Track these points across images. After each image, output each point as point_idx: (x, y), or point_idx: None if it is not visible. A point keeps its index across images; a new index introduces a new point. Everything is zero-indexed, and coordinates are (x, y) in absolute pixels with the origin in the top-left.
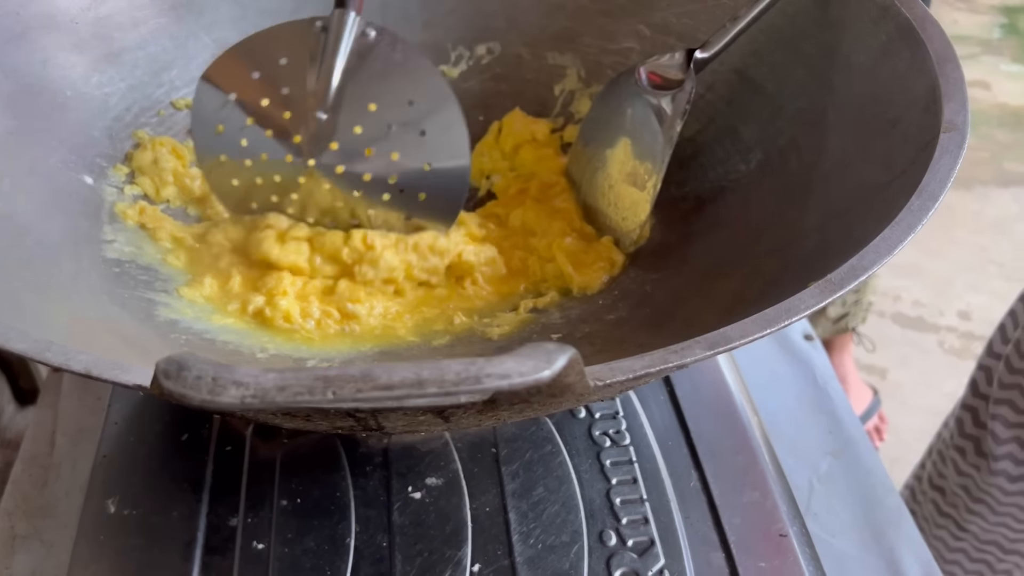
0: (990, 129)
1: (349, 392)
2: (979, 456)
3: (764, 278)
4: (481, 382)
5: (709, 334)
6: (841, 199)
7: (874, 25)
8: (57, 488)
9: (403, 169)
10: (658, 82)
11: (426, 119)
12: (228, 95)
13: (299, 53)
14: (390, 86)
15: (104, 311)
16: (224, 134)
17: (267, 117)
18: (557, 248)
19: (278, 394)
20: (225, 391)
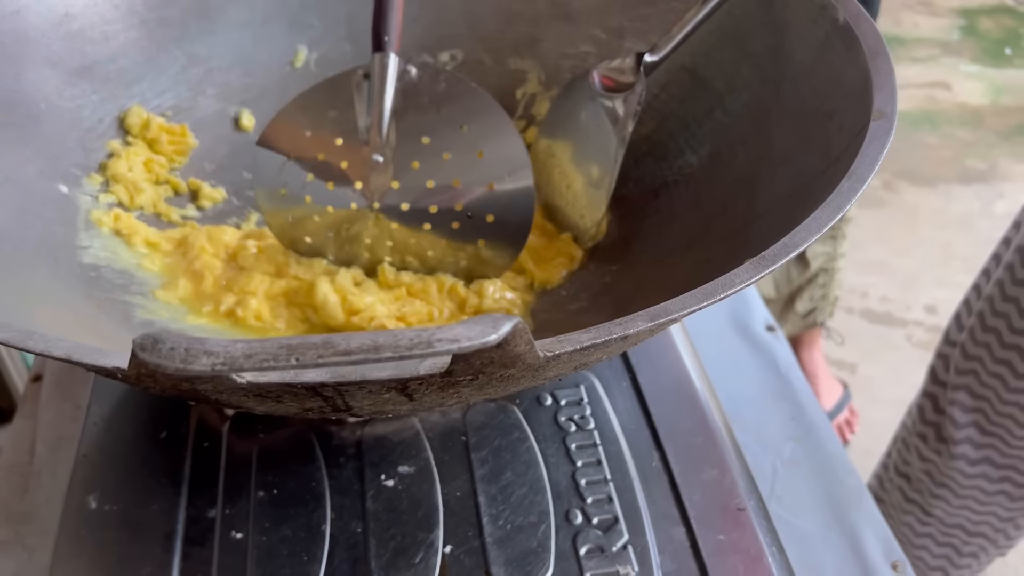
0: (952, 128)
1: (311, 358)
2: (940, 442)
3: (713, 264)
4: (432, 346)
5: (651, 308)
6: (783, 187)
7: (813, 24)
8: (38, 495)
9: (467, 194)
10: (611, 85)
11: (480, 140)
12: (285, 157)
13: (346, 103)
14: (440, 116)
15: (81, 312)
16: (288, 195)
17: (326, 170)
18: None
19: (245, 361)
20: (196, 360)
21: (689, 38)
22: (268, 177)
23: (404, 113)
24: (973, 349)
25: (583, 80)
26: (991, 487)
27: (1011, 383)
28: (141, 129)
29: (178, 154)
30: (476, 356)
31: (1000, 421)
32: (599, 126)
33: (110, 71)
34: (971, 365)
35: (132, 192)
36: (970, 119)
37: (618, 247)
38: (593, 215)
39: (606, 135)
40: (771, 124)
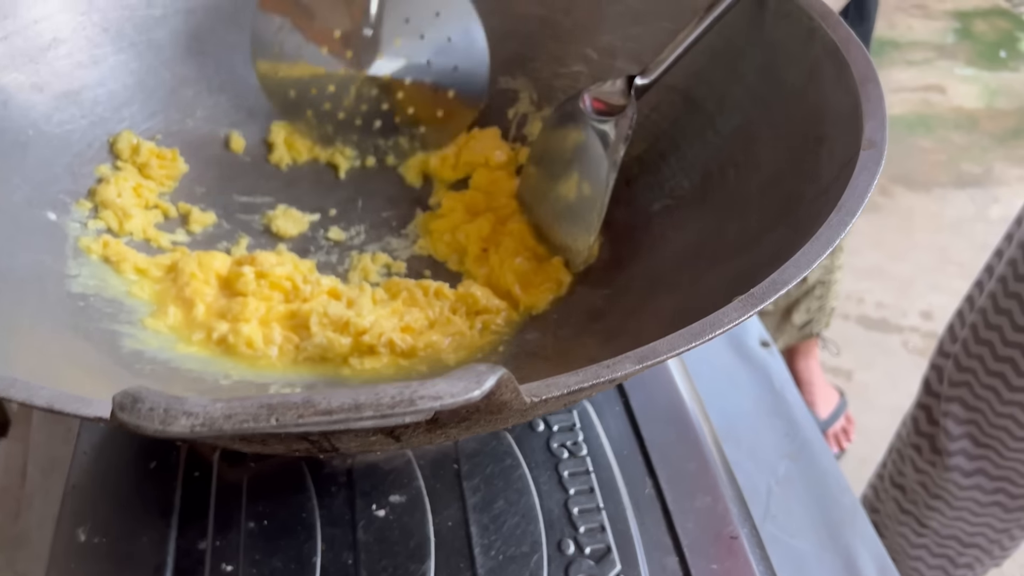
0: (946, 132)
1: (291, 419)
2: (934, 453)
3: (703, 292)
4: (415, 404)
5: (639, 348)
6: (774, 213)
7: (803, 46)
8: (30, 519)
9: (436, 71)
10: (602, 108)
11: (451, 27)
12: (284, 18)
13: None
14: (437, 20)
15: (69, 344)
16: (283, 52)
17: (321, 35)
18: (507, 268)
19: (225, 422)
20: (176, 421)
21: (680, 60)
22: (268, 37)
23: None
24: (967, 361)
25: (574, 102)
26: (985, 499)
27: (1005, 395)
28: (131, 154)
29: (168, 178)
30: (461, 408)
31: (994, 433)
32: (591, 149)
33: (99, 95)
34: (964, 377)
35: (121, 218)
36: (965, 122)
37: (610, 270)
38: (585, 238)
39: (597, 159)
40: (761, 146)
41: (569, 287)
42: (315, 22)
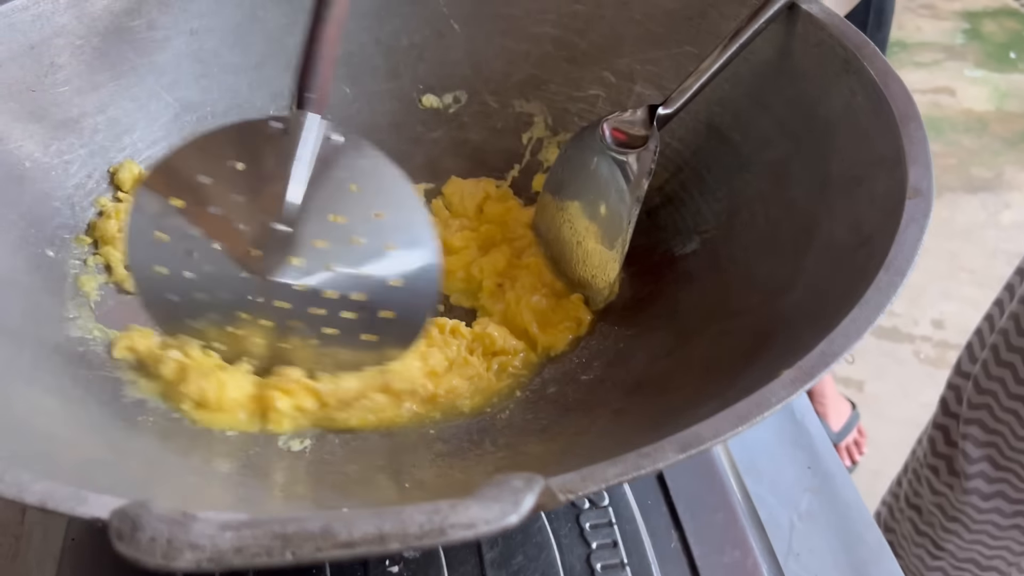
0: (956, 135)
1: (308, 551)
2: (952, 475)
3: (736, 342)
4: (445, 534)
5: (681, 434)
6: (809, 260)
7: (836, 78)
8: (29, 558)
9: (370, 285)
10: (622, 139)
11: (394, 233)
12: (171, 202)
13: (256, 157)
14: (357, 197)
15: (67, 397)
16: (166, 245)
17: (219, 227)
18: (524, 305)
19: (235, 556)
20: (180, 555)
21: (703, 90)
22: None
23: (320, 183)
24: (986, 383)
25: (593, 131)
26: (1005, 522)
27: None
28: (133, 184)
29: None
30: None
31: (1014, 456)
32: (611, 182)
33: (99, 122)
34: (984, 399)
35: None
36: (975, 126)
37: (632, 309)
38: (605, 275)
39: (619, 192)
40: (792, 183)
41: (590, 325)
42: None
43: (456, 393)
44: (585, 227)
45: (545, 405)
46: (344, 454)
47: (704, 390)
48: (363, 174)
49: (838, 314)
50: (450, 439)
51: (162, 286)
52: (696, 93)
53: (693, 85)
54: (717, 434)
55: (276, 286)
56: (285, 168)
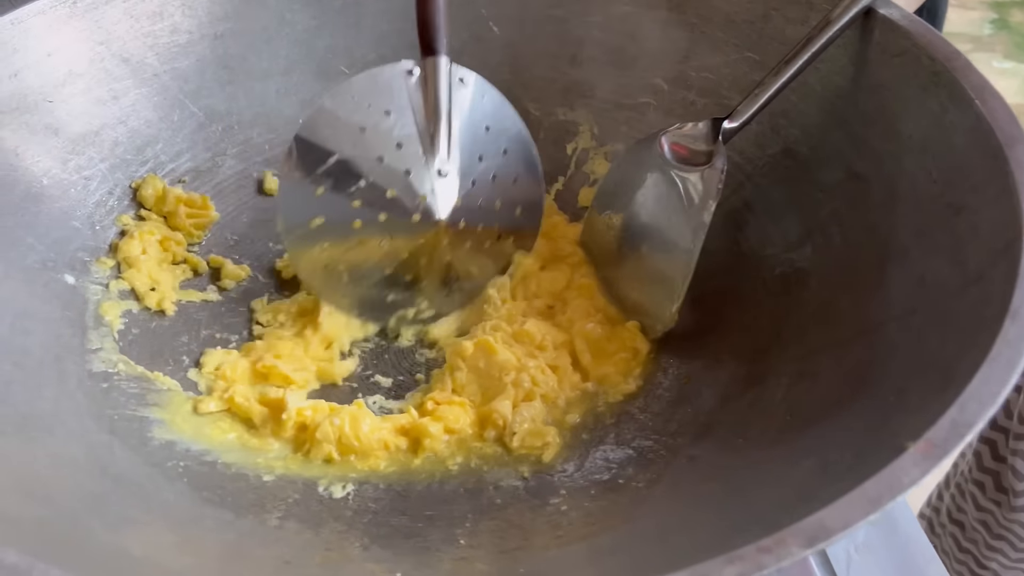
0: None
1: None
2: (999, 491)
3: (821, 386)
4: None
5: (805, 523)
6: (903, 296)
7: (923, 92)
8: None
9: (503, 216)
10: (684, 154)
11: (517, 164)
12: (332, 153)
13: (396, 103)
14: (490, 136)
15: (91, 442)
16: (325, 197)
17: (384, 175)
18: (577, 333)
19: None
20: None
21: (771, 102)
22: (303, 177)
23: (460, 125)
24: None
25: (650, 144)
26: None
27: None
28: (157, 202)
29: (198, 228)
30: None
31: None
32: (671, 202)
33: (119, 134)
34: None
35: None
36: None
37: (693, 340)
38: (666, 303)
39: (683, 213)
40: (874, 205)
41: (647, 356)
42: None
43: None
44: (643, 249)
45: (605, 449)
46: (389, 502)
47: (792, 442)
48: (490, 114)
49: (955, 367)
50: (504, 488)
51: (317, 239)
52: (764, 105)
53: (761, 96)
54: (847, 524)
55: (442, 226)
56: (434, 115)
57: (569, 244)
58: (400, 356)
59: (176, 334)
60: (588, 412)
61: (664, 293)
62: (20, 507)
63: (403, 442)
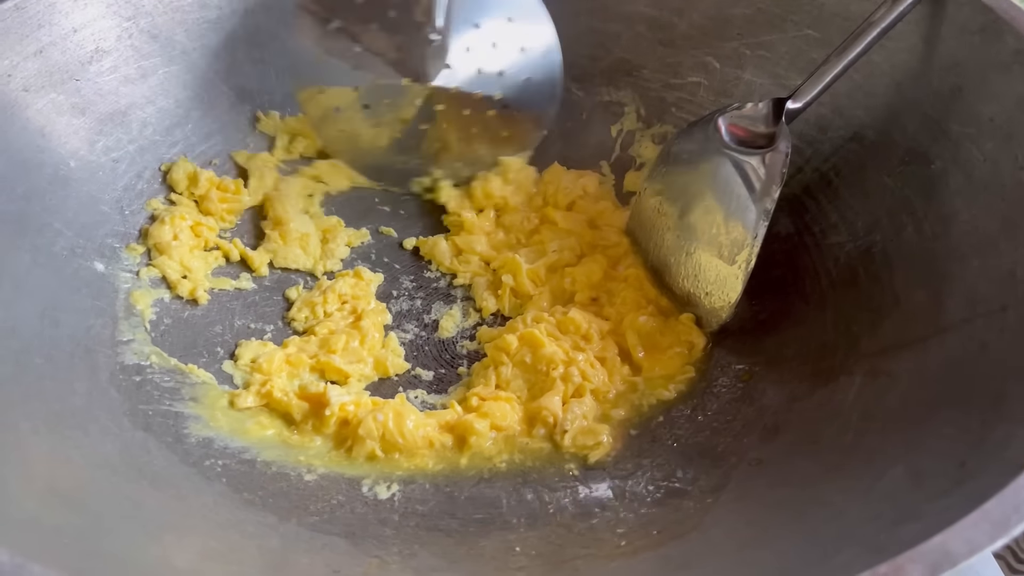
0: None
1: None
2: None
3: (898, 385)
4: None
5: (924, 547)
6: (990, 291)
7: (1006, 71)
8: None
9: (507, 84)
10: (743, 136)
11: (523, 34)
12: (332, 21)
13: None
14: (489, 4)
15: (126, 440)
16: (329, 60)
17: (378, 40)
18: (629, 325)
19: None
20: None
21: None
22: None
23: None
24: None
25: (706, 126)
26: None
27: None
28: (188, 185)
29: (230, 213)
30: None
31: None
32: (731, 187)
33: (148, 114)
34: None
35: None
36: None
37: (752, 334)
38: (725, 295)
39: (742, 200)
40: (951, 194)
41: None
42: (372, 24)
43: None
44: (699, 237)
45: (659, 449)
46: (437, 503)
47: (873, 447)
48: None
49: None
50: (556, 489)
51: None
52: (829, 85)
53: (826, 75)
54: (972, 550)
55: (433, 90)
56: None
57: (615, 232)
58: (441, 348)
59: (209, 324)
60: (635, 408)
61: (722, 284)
62: (55, 515)
63: (448, 439)
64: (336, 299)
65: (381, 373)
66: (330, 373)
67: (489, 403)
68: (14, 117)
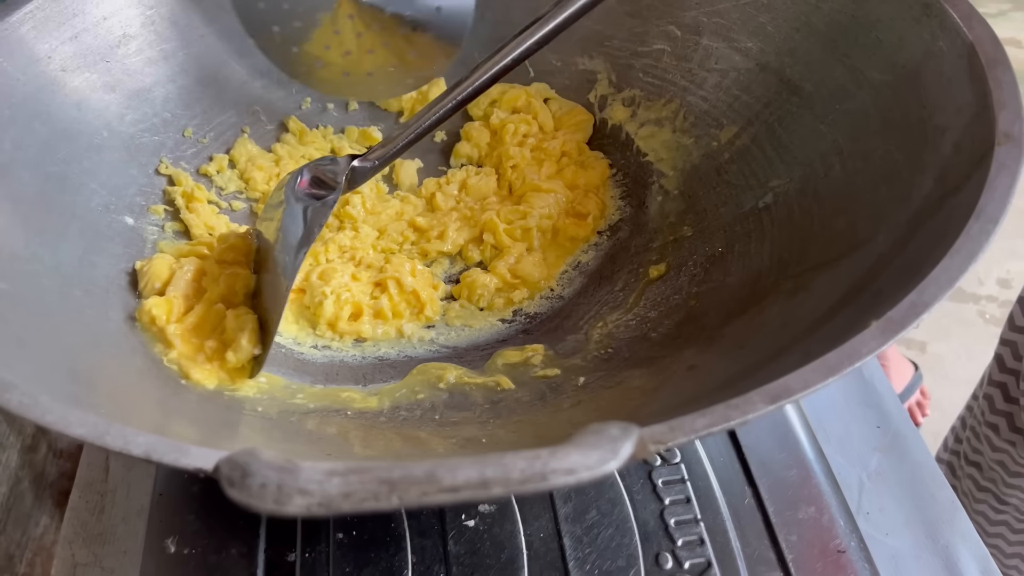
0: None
1: (414, 496)
2: (1013, 431)
3: (815, 297)
4: (547, 479)
5: (769, 385)
6: (892, 212)
7: (916, 23)
8: (114, 514)
9: (417, 7)
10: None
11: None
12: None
13: None
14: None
15: (153, 355)
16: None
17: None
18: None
19: (343, 501)
20: (291, 500)
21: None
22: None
23: None
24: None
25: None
26: None
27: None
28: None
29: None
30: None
31: None
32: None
33: (170, 91)
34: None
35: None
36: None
37: (703, 266)
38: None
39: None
40: (870, 134)
41: (662, 276)
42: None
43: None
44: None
45: (617, 363)
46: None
47: (784, 347)
48: None
49: (924, 263)
50: (523, 397)
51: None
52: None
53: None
54: (807, 385)
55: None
56: None
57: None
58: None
59: None
60: (608, 333)
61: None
62: (97, 399)
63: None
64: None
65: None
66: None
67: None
68: (54, 93)
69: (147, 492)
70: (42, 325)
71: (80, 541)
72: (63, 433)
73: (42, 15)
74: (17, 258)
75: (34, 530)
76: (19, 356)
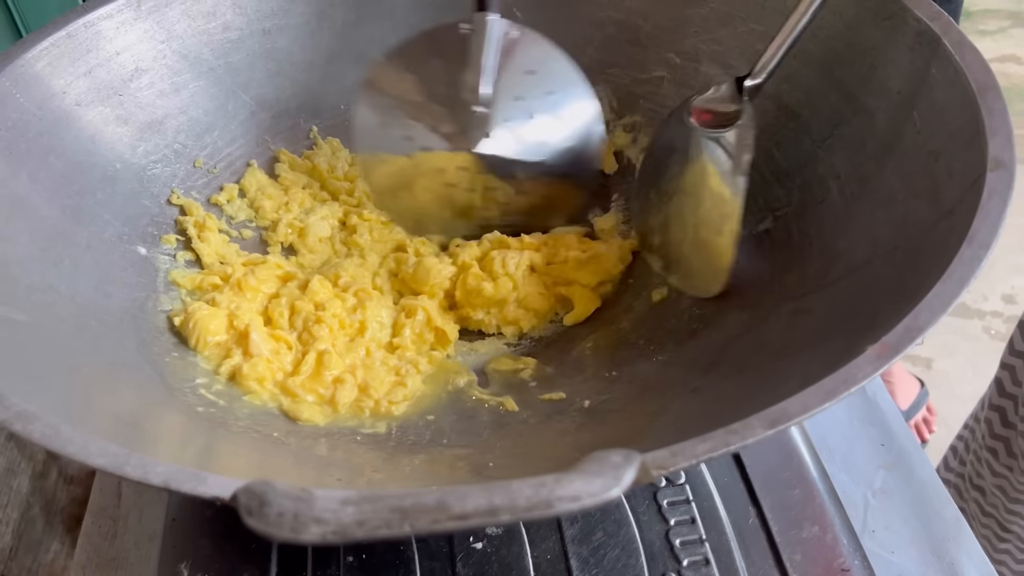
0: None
1: (425, 523)
2: (1010, 457)
3: (813, 319)
4: (552, 506)
5: (768, 410)
6: (887, 235)
7: (909, 51)
8: (127, 540)
9: (549, 151)
10: (709, 119)
11: (564, 106)
12: (389, 97)
13: (448, 54)
14: (534, 80)
15: (169, 385)
16: (385, 131)
17: (428, 114)
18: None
19: (357, 529)
20: (307, 529)
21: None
22: (369, 114)
23: (504, 72)
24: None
25: (679, 119)
26: None
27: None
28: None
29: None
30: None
31: None
32: (709, 166)
33: (181, 123)
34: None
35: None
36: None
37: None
38: (719, 263)
39: (721, 175)
40: (866, 158)
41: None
42: (423, 99)
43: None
44: (691, 215)
45: (620, 386)
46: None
47: (783, 369)
48: (537, 61)
49: (919, 288)
50: (528, 419)
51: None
52: (781, 61)
53: (777, 53)
54: (805, 409)
55: (478, 157)
56: (478, 61)
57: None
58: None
59: None
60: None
61: (717, 255)
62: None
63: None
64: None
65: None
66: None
67: None
68: (69, 127)
69: (160, 517)
70: (59, 355)
71: (93, 567)
72: (84, 463)
73: (57, 51)
74: (35, 289)
75: (44, 556)
76: (39, 387)
